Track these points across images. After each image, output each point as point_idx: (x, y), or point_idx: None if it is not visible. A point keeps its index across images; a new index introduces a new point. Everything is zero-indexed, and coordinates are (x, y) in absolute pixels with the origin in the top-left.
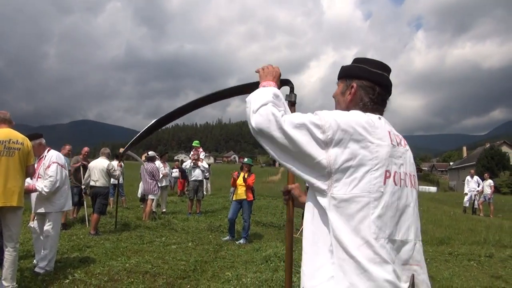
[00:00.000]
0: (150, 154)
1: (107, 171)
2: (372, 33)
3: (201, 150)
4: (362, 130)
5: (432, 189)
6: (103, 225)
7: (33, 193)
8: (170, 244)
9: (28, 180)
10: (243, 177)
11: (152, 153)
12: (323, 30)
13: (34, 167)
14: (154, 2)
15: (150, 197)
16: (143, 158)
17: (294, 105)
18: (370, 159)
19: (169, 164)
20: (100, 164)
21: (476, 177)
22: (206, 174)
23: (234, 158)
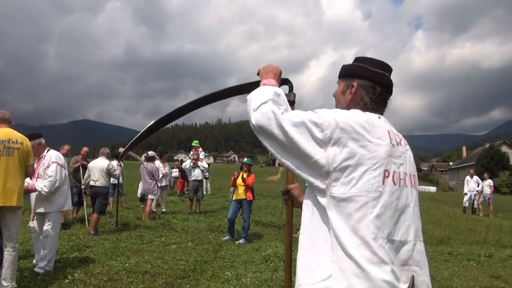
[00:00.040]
0: (150, 154)
1: (107, 171)
2: (372, 33)
3: (201, 150)
4: (361, 129)
5: (432, 189)
6: (103, 225)
7: (33, 193)
8: (170, 244)
9: (28, 180)
10: (242, 177)
11: (152, 153)
12: (323, 30)
13: (34, 167)
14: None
15: (150, 197)
16: (143, 158)
17: (293, 105)
18: (369, 159)
19: (169, 164)
20: (100, 164)
21: (476, 177)
22: (206, 174)
23: (234, 158)
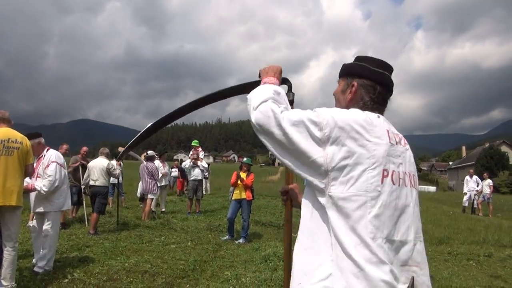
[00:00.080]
0: (150, 154)
1: (107, 170)
2: (372, 33)
3: (200, 150)
4: (360, 128)
5: (431, 189)
6: (102, 225)
7: (32, 193)
8: (169, 244)
9: (27, 180)
10: (239, 176)
11: (151, 153)
12: (323, 30)
13: (33, 167)
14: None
15: (150, 197)
16: (142, 158)
17: (292, 104)
18: (367, 158)
19: (168, 164)
20: (100, 164)
21: (475, 177)
22: (206, 174)
23: (234, 158)
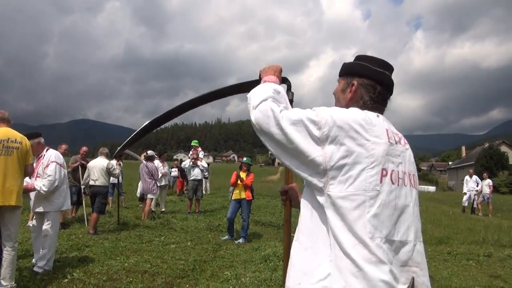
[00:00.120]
0: (149, 153)
1: (107, 170)
2: (372, 33)
3: (200, 150)
4: (359, 127)
5: (431, 189)
6: (102, 225)
7: (32, 192)
8: (169, 244)
9: (27, 179)
10: (239, 176)
11: (151, 152)
12: (323, 30)
13: (33, 166)
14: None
15: (149, 197)
16: (142, 157)
17: (292, 104)
18: (366, 157)
19: (168, 164)
20: (100, 163)
21: (475, 177)
22: (205, 174)
23: (233, 158)
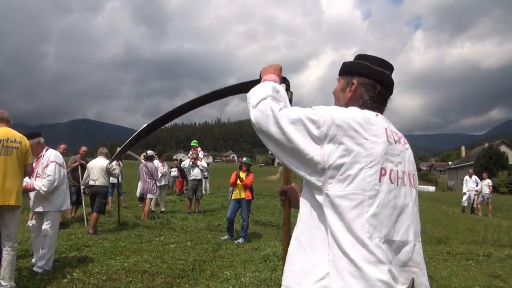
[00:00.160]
0: (149, 153)
1: (107, 170)
2: (371, 33)
3: (200, 149)
4: (357, 126)
5: (431, 189)
6: (102, 224)
7: (32, 192)
8: (169, 244)
9: (27, 179)
10: (239, 176)
11: (151, 152)
12: (323, 30)
13: (33, 166)
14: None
15: (149, 196)
16: (142, 157)
17: (291, 104)
18: (365, 156)
19: (168, 164)
20: (100, 163)
21: (475, 177)
22: (205, 174)
23: (233, 158)
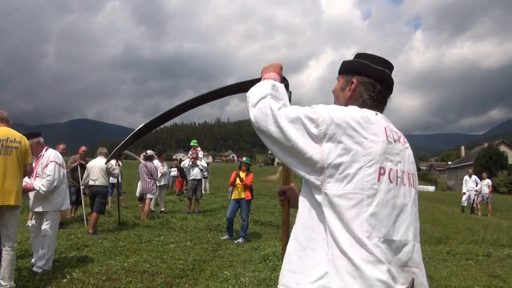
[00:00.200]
0: (149, 153)
1: (107, 170)
2: (371, 33)
3: (200, 149)
4: (356, 125)
5: (430, 188)
6: (101, 224)
7: (31, 192)
8: (169, 243)
9: (26, 179)
10: (239, 176)
11: (150, 152)
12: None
13: (32, 166)
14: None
15: (149, 196)
16: (141, 157)
17: (289, 103)
18: (364, 155)
19: (167, 163)
20: (99, 163)
21: (474, 177)
22: (205, 173)
23: (233, 157)
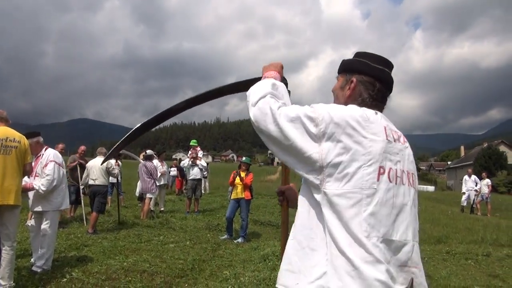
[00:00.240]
0: (148, 153)
1: (106, 170)
2: (371, 32)
3: (199, 149)
4: (356, 124)
5: (430, 188)
6: (101, 224)
7: (31, 192)
8: (168, 243)
9: (26, 179)
10: (239, 176)
11: (150, 152)
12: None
13: (32, 165)
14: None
15: (148, 196)
16: (141, 157)
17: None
18: (363, 154)
19: (167, 163)
20: (99, 163)
21: (474, 176)
22: (204, 173)
23: (232, 157)
